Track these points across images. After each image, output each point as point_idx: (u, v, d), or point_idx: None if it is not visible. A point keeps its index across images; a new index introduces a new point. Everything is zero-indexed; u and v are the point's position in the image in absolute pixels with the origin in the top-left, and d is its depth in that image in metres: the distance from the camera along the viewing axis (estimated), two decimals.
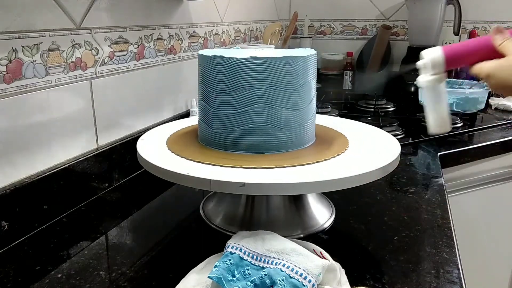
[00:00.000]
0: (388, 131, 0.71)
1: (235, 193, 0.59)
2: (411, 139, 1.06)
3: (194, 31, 1.06)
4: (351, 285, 0.47)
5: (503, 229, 1.18)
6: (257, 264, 0.45)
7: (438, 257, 0.56)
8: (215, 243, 0.54)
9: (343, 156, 0.59)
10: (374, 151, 0.61)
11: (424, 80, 0.62)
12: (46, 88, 0.64)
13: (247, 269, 0.44)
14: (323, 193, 0.72)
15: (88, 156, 0.73)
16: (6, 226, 0.58)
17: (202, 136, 0.64)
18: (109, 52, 0.77)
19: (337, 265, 0.48)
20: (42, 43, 0.63)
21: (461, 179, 1.07)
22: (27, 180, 0.62)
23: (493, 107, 1.40)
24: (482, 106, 1.20)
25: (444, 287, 0.49)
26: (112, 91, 0.79)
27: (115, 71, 0.80)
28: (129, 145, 0.81)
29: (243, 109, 0.57)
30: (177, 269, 0.50)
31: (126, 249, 0.59)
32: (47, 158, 0.66)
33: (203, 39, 1.12)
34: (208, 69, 0.59)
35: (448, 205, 0.71)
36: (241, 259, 0.45)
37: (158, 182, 0.59)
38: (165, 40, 0.94)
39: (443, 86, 0.62)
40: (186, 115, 1.02)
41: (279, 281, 0.42)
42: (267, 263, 0.45)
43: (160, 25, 0.92)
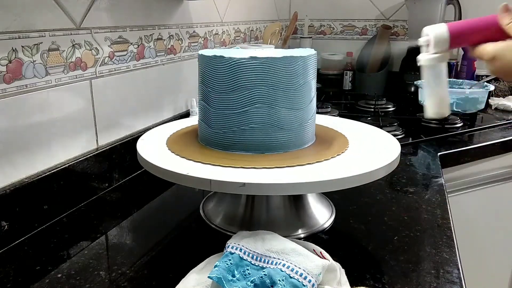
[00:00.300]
0: (388, 131, 0.71)
1: (235, 193, 0.59)
2: (411, 139, 1.06)
3: (194, 31, 1.06)
4: (351, 285, 0.47)
5: (503, 229, 1.18)
6: (257, 264, 0.45)
7: (438, 257, 0.56)
8: (215, 243, 0.54)
9: (343, 156, 0.59)
10: (374, 151, 0.61)
11: (425, 58, 0.57)
12: (46, 88, 0.64)
13: (247, 269, 0.44)
14: (323, 193, 0.72)
15: (88, 156, 0.73)
16: (6, 226, 0.58)
17: (202, 136, 0.64)
18: (109, 52, 0.77)
19: (337, 265, 0.48)
20: (42, 43, 0.63)
21: (461, 179, 1.07)
22: (27, 180, 0.62)
23: (493, 107, 1.40)
24: (482, 106, 1.20)
25: (444, 287, 0.49)
26: (112, 91, 0.79)
27: (115, 71, 0.80)
28: (129, 145, 0.81)
29: (243, 109, 0.57)
30: (177, 269, 0.50)
31: (126, 249, 0.59)
32: (47, 158, 0.66)
33: (203, 39, 1.12)
34: (208, 69, 0.59)
35: (448, 205, 0.71)
36: (241, 259, 0.45)
37: (158, 182, 0.59)
38: (165, 40, 0.94)
39: (444, 66, 0.58)
40: (186, 115, 1.02)
41: (279, 281, 0.42)
42: (267, 263, 0.45)
43: (160, 25, 0.92)
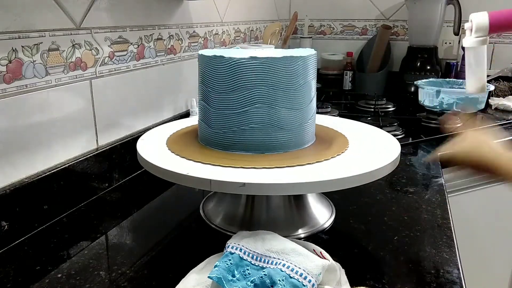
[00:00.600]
0: (388, 131, 0.71)
1: (235, 193, 0.59)
2: (411, 139, 1.06)
3: (194, 31, 1.06)
4: (351, 285, 0.47)
5: (503, 229, 1.18)
6: (257, 264, 0.45)
7: (438, 257, 0.56)
8: (215, 243, 0.54)
9: (343, 156, 0.59)
10: (374, 151, 0.61)
11: (468, 41, 0.70)
12: (46, 88, 0.64)
13: (247, 269, 0.44)
14: (323, 193, 0.72)
15: (88, 156, 0.73)
16: (6, 226, 0.58)
17: (202, 136, 0.64)
18: (109, 52, 0.77)
19: (337, 265, 0.48)
20: (42, 43, 0.63)
21: (461, 179, 1.07)
22: (27, 180, 0.62)
23: (493, 107, 1.40)
24: (482, 106, 1.20)
25: (444, 287, 0.49)
26: (112, 91, 0.79)
27: (115, 71, 0.80)
28: (129, 145, 0.81)
29: (243, 109, 0.57)
30: (177, 269, 0.50)
31: (126, 249, 0.59)
32: (47, 158, 0.66)
33: (203, 39, 1.12)
34: (208, 69, 0.59)
35: (448, 205, 0.71)
36: (241, 259, 0.45)
37: (158, 182, 0.59)
38: (165, 40, 0.94)
39: (484, 48, 0.70)
40: (186, 115, 1.02)
41: (279, 281, 0.42)
42: (267, 263, 0.45)
43: (160, 25, 0.92)
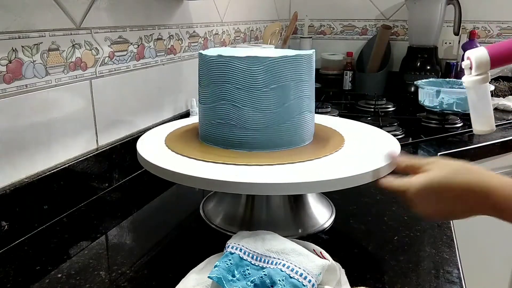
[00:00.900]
0: (388, 131, 0.71)
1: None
2: (411, 139, 1.06)
3: (194, 31, 1.06)
4: (351, 285, 0.47)
5: (503, 229, 1.17)
6: (257, 264, 0.45)
7: (438, 257, 0.56)
8: (215, 243, 0.54)
9: (343, 156, 0.59)
10: (374, 151, 0.61)
11: (469, 80, 0.63)
12: (46, 88, 0.64)
13: (247, 269, 0.44)
14: (323, 193, 0.72)
15: (88, 156, 0.73)
16: (6, 226, 0.58)
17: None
18: (109, 52, 0.77)
19: (337, 265, 0.48)
20: (42, 43, 0.63)
21: None
22: (27, 180, 0.62)
23: (493, 107, 1.40)
24: None
25: (444, 287, 0.49)
26: (112, 91, 0.79)
27: (115, 71, 0.80)
28: (129, 145, 0.81)
29: (212, 104, 0.61)
30: (177, 269, 0.50)
31: (126, 249, 0.59)
32: (47, 158, 0.66)
33: (203, 39, 1.12)
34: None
35: None
36: (241, 259, 0.45)
37: (158, 182, 0.59)
38: (165, 40, 0.94)
39: (487, 85, 0.64)
40: (186, 115, 1.02)
41: (279, 281, 0.42)
42: (267, 263, 0.45)
43: (160, 25, 0.92)
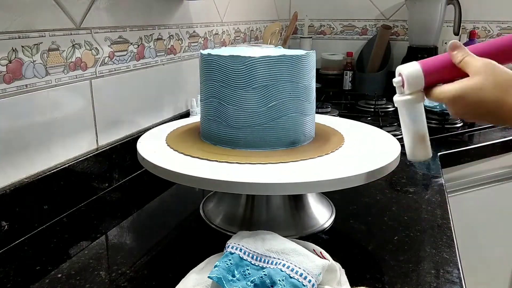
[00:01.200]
0: (388, 131, 0.71)
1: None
2: None
3: (194, 31, 1.06)
4: (351, 285, 0.47)
5: (503, 229, 1.18)
6: (257, 264, 0.45)
7: (438, 257, 0.56)
8: (215, 243, 0.54)
9: (343, 156, 0.59)
10: (374, 151, 0.61)
11: (400, 99, 0.52)
12: (46, 88, 0.64)
13: (247, 269, 0.44)
14: (323, 193, 0.72)
15: (88, 156, 0.73)
16: (6, 226, 0.58)
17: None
18: (109, 52, 0.77)
19: (337, 265, 0.48)
20: (42, 43, 0.63)
21: (461, 179, 1.07)
22: (27, 180, 0.62)
23: None
24: None
25: (444, 287, 0.49)
26: (112, 91, 0.79)
27: (115, 71, 0.80)
28: (129, 145, 0.81)
29: (204, 101, 0.62)
30: (177, 269, 0.50)
31: (126, 249, 0.59)
32: (47, 158, 0.66)
33: (203, 39, 1.12)
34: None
35: (448, 205, 0.71)
36: (241, 259, 0.45)
37: (158, 182, 0.59)
38: (165, 40, 0.94)
39: (421, 106, 0.52)
40: (186, 115, 1.02)
41: (279, 281, 0.42)
42: (267, 263, 0.45)
43: (160, 25, 0.92)
